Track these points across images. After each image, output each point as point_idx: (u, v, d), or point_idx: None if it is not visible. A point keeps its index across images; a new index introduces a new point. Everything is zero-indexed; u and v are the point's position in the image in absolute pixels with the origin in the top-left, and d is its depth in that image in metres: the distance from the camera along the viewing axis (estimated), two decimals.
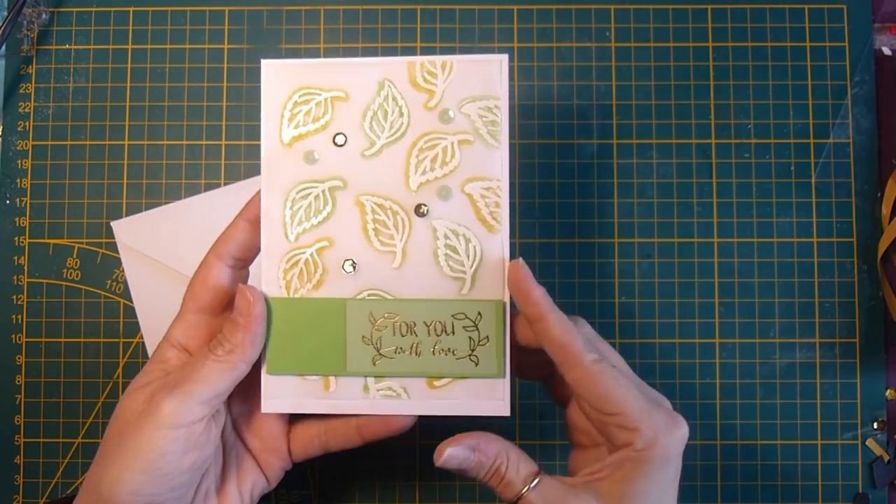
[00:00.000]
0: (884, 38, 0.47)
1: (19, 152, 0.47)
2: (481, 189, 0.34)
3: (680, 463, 0.31)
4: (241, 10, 0.47)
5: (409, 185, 0.34)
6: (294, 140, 0.35)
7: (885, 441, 0.45)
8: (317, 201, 0.35)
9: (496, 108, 0.34)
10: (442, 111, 0.34)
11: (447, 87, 0.34)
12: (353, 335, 0.34)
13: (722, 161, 0.46)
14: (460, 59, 0.34)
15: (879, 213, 0.46)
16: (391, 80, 0.35)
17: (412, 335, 0.34)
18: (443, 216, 0.34)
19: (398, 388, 0.35)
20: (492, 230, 0.34)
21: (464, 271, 0.34)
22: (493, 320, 0.34)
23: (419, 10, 0.47)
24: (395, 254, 0.34)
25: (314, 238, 0.34)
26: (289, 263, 0.34)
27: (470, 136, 0.34)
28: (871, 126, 0.46)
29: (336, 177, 0.35)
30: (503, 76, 0.34)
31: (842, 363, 0.45)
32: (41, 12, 0.47)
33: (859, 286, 0.46)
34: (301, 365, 0.34)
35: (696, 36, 0.47)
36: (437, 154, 0.35)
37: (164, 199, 0.46)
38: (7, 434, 0.45)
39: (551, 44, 0.47)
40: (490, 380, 0.34)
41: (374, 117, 0.35)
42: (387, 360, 0.34)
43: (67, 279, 0.46)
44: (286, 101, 0.35)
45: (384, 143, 0.35)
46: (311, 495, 0.45)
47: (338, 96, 0.35)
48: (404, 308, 0.34)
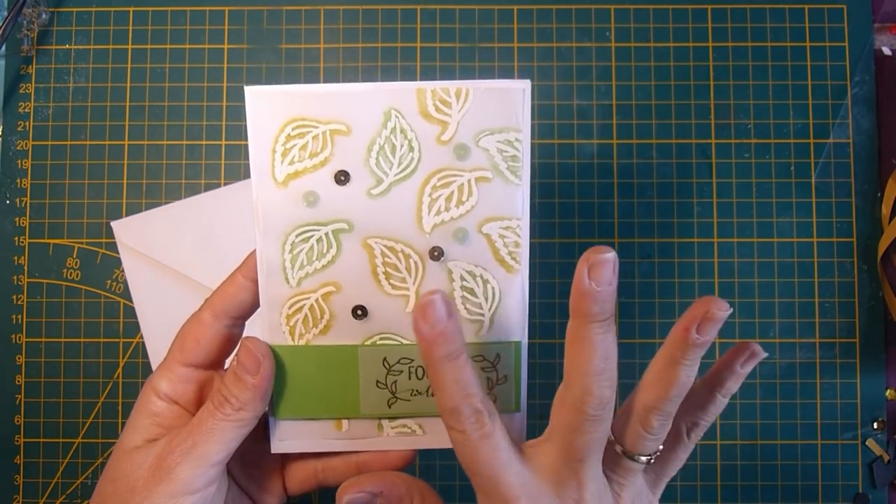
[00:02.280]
0: (884, 38, 0.47)
1: (19, 152, 0.47)
2: (500, 229, 0.32)
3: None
4: (241, 10, 0.47)
5: (423, 226, 0.32)
6: (289, 178, 0.31)
7: (885, 441, 0.45)
8: (319, 244, 0.32)
9: (517, 142, 0.31)
10: (457, 145, 0.31)
11: (462, 117, 0.31)
12: (367, 380, 0.32)
13: (722, 161, 0.46)
14: (477, 85, 0.31)
15: (879, 213, 0.46)
16: (398, 110, 0.31)
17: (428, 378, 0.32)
18: (459, 258, 0.32)
19: (413, 426, 0.33)
20: (511, 271, 0.32)
21: (482, 314, 0.32)
22: (511, 361, 0.32)
23: (419, 10, 0.47)
24: (409, 297, 0.32)
25: (318, 283, 0.32)
26: (292, 309, 0.32)
27: (489, 173, 0.31)
28: (871, 126, 0.46)
29: (340, 219, 0.32)
30: (525, 105, 0.31)
31: (842, 363, 0.45)
32: (41, 12, 0.47)
33: (859, 286, 0.46)
34: (312, 409, 0.33)
35: (696, 36, 0.47)
36: (452, 192, 0.32)
37: (164, 199, 0.46)
38: (7, 434, 0.45)
39: (551, 44, 0.47)
40: (506, 414, 0.33)
41: (381, 152, 0.31)
42: (402, 402, 0.32)
43: (67, 279, 0.46)
44: (277, 134, 0.31)
45: (393, 181, 0.32)
46: (311, 495, 0.45)
47: (337, 129, 0.31)
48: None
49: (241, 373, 0.31)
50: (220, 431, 0.30)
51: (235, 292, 0.32)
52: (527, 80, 0.31)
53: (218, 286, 0.33)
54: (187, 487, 0.29)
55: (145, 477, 0.30)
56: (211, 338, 0.32)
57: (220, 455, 0.30)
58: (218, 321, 0.32)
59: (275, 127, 0.31)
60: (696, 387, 0.33)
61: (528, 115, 0.31)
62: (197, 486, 0.30)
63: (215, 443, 0.30)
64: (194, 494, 0.30)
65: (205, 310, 0.32)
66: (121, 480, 0.30)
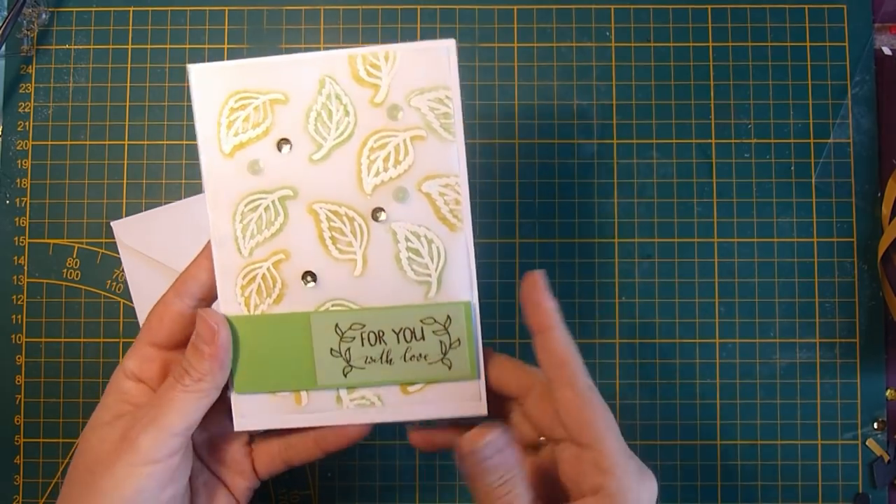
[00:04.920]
0: (884, 38, 0.47)
1: (19, 152, 0.47)
2: (439, 187, 0.33)
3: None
4: (241, 10, 0.47)
5: (364, 188, 0.33)
6: (235, 149, 0.32)
7: (886, 441, 0.45)
8: (267, 213, 0.33)
9: (447, 99, 0.32)
10: (390, 106, 0.32)
11: (392, 79, 0.32)
12: (321, 348, 0.33)
13: (722, 161, 0.46)
14: (404, 47, 0.32)
15: (880, 213, 0.46)
16: (332, 76, 0.32)
17: (382, 344, 0.33)
18: (402, 218, 0.33)
19: (372, 397, 0.33)
20: (454, 229, 0.33)
21: (429, 274, 0.33)
22: (462, 322, 0.33)
23: (419, 10, 0.47)
24: (356, 261, 0.33)
25: (269, 251, 0.33)
26: (245, 279, 0.33)
27: (422, 132, 0.32)
28: (871, 126, 0.46)
29: (285, 186, 0.33)
30: (451, 63, 0.32)
31: (842, 363, 0.45)
32: (41, 12, 0.47)
33: (859, 286, 0.46)
34: (270, 382, 0.33)
35: (696, 36, 0.47)
36: (389, 153, 0.33)
37: (164, 199, 0.46)
38: (7, 434, 0.45)
39: (551, 44, 0.47)
40: (465, 382, 0.33)
41: (319, 118, 0.32)
42: (358, 370, 0.33)
43: (67, 279, 0.46)
44: (221, 107, 0.33)
45: (332, 146, 0.33)
46: (311, 495, 0.45)
47: (276, 99, 0.32)
48: (371, 317, 0.33)
49: (198, 343, 0.32)
50: (181, 402, 0.31)
51: (196, 272, 0.33)
52: (451, 40, 0.32)
53: (183, 270, 0.34)
54: (148, 457, 0.30)
55: (109, 449, 0.31)
56: (174, 317, 0.33)
57: (181, 426, 0.31)
58: (181, 300, 0.33)
59: (218, 101, 0.33)
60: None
61: (454, 72, 0.32)
62: (158, 456, 0.30)
63: (176, 413, 0.31)
64: (156, 464, 0.30)
65: (169, 291, 0.33)
66: (88, 453, 0.31)
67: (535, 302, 0.32)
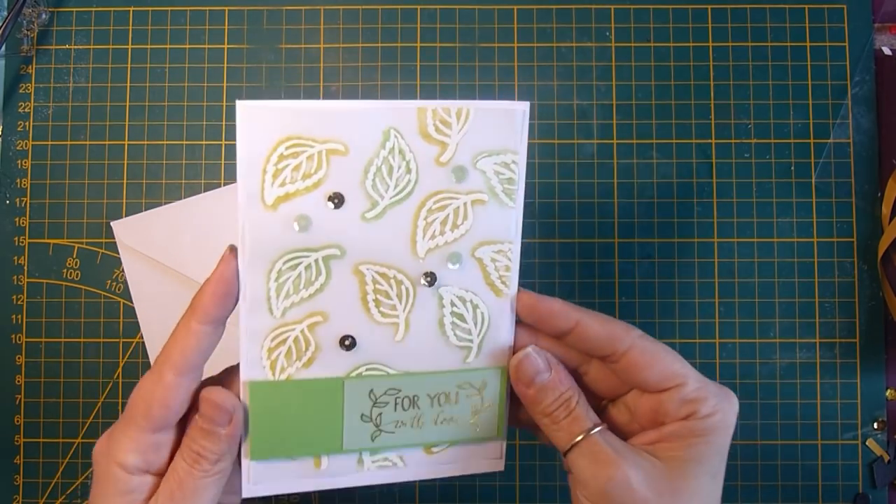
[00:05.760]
0: (884, 38, 0.47)
1: (19, 152, 0.47)
2: (492, 252, 0.31)
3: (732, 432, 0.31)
4: (241, 10, 0.47)
5: (416, 251, 0.31)
6: (279, 201, 0.29)
7: (886, 441, 0.45)
8: (308, 272, 0.30)
9: (514, 164, 0.31)
10: (456, 167, 0.30)
11: (462, 138, 0.30)
12: (352, 414, 0.31)
13: (722, 161, 0.46)
14: (478, 105, 0.30)
15: (880, 213, 0.46)
16: (398, 129, 0.30)
17: (415, 408, 0.32)
18: (451, 283, 0.31)
19: (394, 458, 0.32)
20: (500, 295, 0.32)
21: (471, 339, 0.32)
22: (497, 386, 0.32)
23: (419, 10, 0.47)
24: (398, 325, 0.31)
25: (304, 313, 0.30)
26: (274, 342, 0.30)
27: (484, 196, 0.31)
28: (871, 126, 0.46)
29: (332, 244, 0.30)
30: (524, 127, 0.31)
31: (842, 363, 0.45)
32: (41, 12, 0.47)
33: (859, 286, 0.46)
34: (290, 448, 0.31)
35: (696, 36, 0.47)
36: (447, 216, 0.31)
37: (164, 199, 0.46)
38: (7, 434, 0.45)
39: (551, 44, 0.47)
40: (489, 442, 0.33)
41: (378, 173, 0.30)
42: (387, 434, 0.32)
43: (67, 279, 0.46)
44: (269, 153, 0.29)
45: (388, 204, 0.30)
46: (311, 495, 0.45)
47: (334, 149, 0.29)
48: (408, 382, 0.31)
49: (212, 428, 0.29)
50: (203, 490, 0.29)
51: (196, 344, 0.29)
52: (527, 102, 0.30)
53: (171, 338, 0.30)
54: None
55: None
56: (180, 399, 0.29)
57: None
58: (183, 378, 0.29)
59: (267, 145, 0.29)
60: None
61: (525, 137, 0.31)
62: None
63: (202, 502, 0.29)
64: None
65: (165, 370, 0.29)
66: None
67: (544, 312, 0.31)
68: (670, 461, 0.30)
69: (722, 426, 0.30)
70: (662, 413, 0.30)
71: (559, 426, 0.30)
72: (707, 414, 0.30)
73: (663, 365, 0.30)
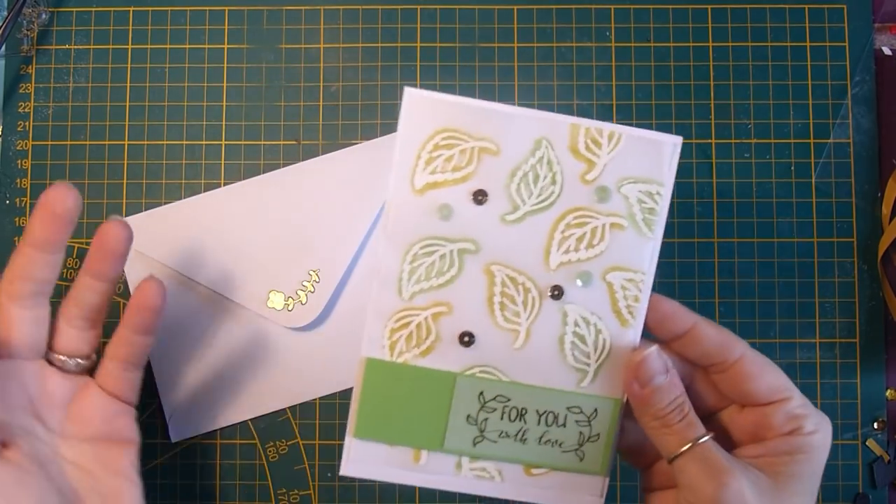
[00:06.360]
0: (884, 38, 0.47)
1: (19, 152, 0.47)
2: (623, 280, 0.32)
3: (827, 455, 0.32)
4: (241, 10, 0.47)
5: (549, 262, 0.31)
6: (427, 187, 0.31)
7: (886, 441, 0.45)
8: (442, 261, 0.31)
9: (658, 195, 0.31)
10: (600, 187, 0.31)
11: (610, 160, 0.31)
12: (458, 412, 0.32)
13: (722, 161, 0.46)
14: (630, 132, 0.31)
15: (880, 213, 0.46)
16: (550, 140, 0.31)
17: (521, 422, 0.32)
18: (577, 301, 0.31)
19: (493, 471, 0.32)
20: (625, 324, 0.32)
21: (588, 363, 0.32)
22: (608, 418, 0.32)
23: (419, 10, 0.47)
24: (519, 333, 0.32)
25: (431, 301, 0.31)
26: (398, 324, 0.31)
27: (624, 221, 0.31)
28: (871, 126, 0.46)
29: (469, 238, 0.31)
30: (673, 161, 0.31)
31: (842, 363, 0.45)
32: (41, 12, 0.47)
33: (859, 286, 0.46)
34: (393, 434, 0.32)
35: (696, 36, 0.47)
36: (584, 234, 0.31)
37: (164, 199, 0.46)
38: None
39: (551, 44, 0.47)
40: (591, 476, 0.33)
41: (524, 179, 0.31)
42: (489, 442, 0.32)
43: (67, 279, 0.46)
44: (426, 141, 0.31)
45: (529, 211, 0.31)
46: (311, 495, 0.45)
47: (487, 148, 0.31)
48: (519, 393, 0.32)
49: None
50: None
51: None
52: (679, 137, 0.31)
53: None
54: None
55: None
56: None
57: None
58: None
59: (425, 133, 0.31)
60: None
61: (673, 170, 0.31)
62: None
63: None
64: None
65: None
66: None
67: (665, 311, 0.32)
68: (776, 476, 0.30)
69: (822, 446, 0.31)
70: (765, 427, 0.31)
71: (671, 429, 0.30)
72: (811, 431, 0.30)
73: (772, 378, 0.31)
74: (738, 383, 0.31)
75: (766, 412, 0.31)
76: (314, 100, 0.46)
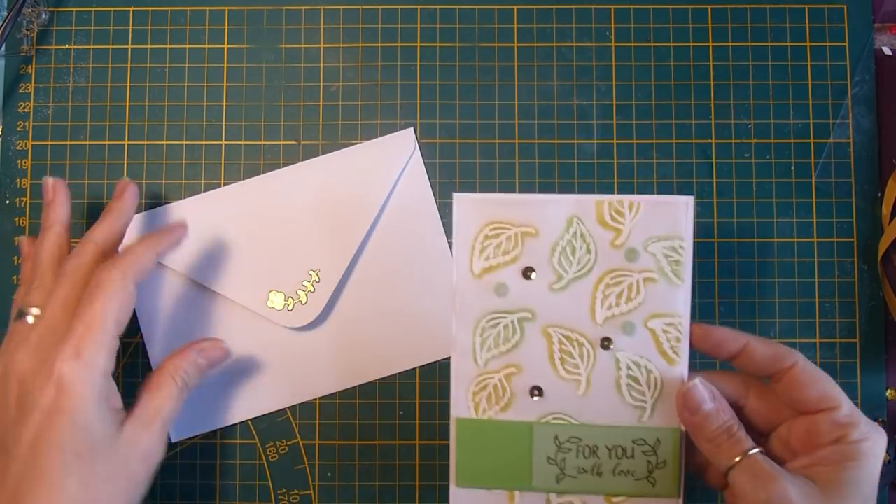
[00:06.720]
0: (884, 38, 0.47)
1: (19, 152, 0.47)
2: (663, 325, 0.36)
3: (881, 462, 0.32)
4: (241, 10, 0.47)
5: (595, 318, 0.36)
6: (484, 272, 0.36)
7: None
8: (506, 330, 0.36)
9: (680, 249, 0.36)
10: (628, 250, 0.36)
11: (634, 226, 0.36)
12: (539, 455, 0.36)
13: (722, 161, 0.46)
14: (647, 199, 0.36)
15: (880, 213, 0.46)
16: (580, 217, 0.36)
17: (594, 457, 0.36)
18: (626, 348, 0.36)
19: (578, 502, 0.37)
20: (672, 363, 0.36)
21: (645, 400, 0.36)
22: (670, 446, 0.36)
23: (419, 10, 0.47)
24: (580, 382, 0.36)
25: (502, 364, 0.36)
26: (478, 387, 0.36)
27: (655, 275, 0.36)
28: (871, 126, 0.46)
29: (525, 309, 0.36)
30: (689, 217, 0.36)
31: (842, 363, 0.45)
32: (41, 12, 0.47)
33: (859, 286, 0.46)
34: (488, 479, 0.37)
35: (696, 36, 0.47)
36: (622, 290, 0.36)
37: (164, 199, 0.46)
38: None
39: (551, 44, 0.47)
40: (666, 499, 0.36)
41: (563, 253, 0.36)
42: (570, 478, 0.36)
43: None
44: (477, 234, 0.36)
45: (572, 278, 0.36)
46: (311, 495, 0.45)
47: (528, 231, 0.36)
48: (588, 433, 0.36)
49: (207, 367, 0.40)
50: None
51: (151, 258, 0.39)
52: (690, 196, 0.36)
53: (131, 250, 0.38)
54: None
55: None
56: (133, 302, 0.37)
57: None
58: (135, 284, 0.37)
59: (475, 227, 0.36)
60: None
61: (690, 225, 0.36)
62: None
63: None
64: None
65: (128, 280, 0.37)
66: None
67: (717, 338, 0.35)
68: (825, 483, 0.32)
69: (871, 453, 0.32)
70: (815, 434, 0.33)
71: (720, 449, 0.33)
72: (858, 439, 0.32)
73: (822, 385, 0.33)
74: (790, 391, 0.34)
75: (815, 420, 0.33)
76: (314, 100, 0.46)
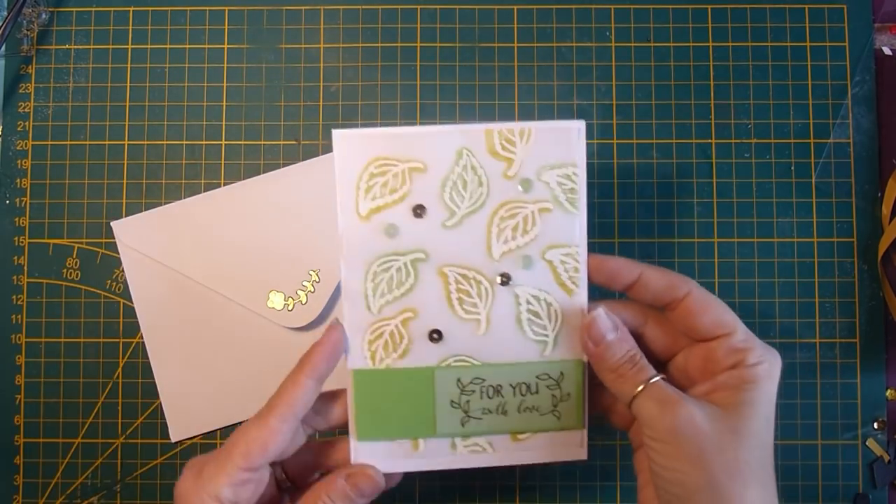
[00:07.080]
0: (884, 38, 0.47)
1: (19, 152, 0.47)
2: (561, 255, 0.35)
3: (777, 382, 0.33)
4: (241, 10, 0.47)
5: (492, 254, 0.35)
6: (371, 212, 0.35)
7: (886, 441, 0.45)
8: (399, 273, 0.35)
9: (574, 176, 0.35)
10: (522, 180, 0.35)
11: (526, 155, 0.35)
12: (442, 400, 0.35)
13: (722, 161, 0.46)
14: (538, 125, 0.35)
15: (880, 213, 0.46)
16: (469, 149, 0.35)
17: (499, 397, 0.35)
18: (524, 283, 0.35)
19: (484, 444, 0.36)
20: (571, 294, 0.35)
21: (546, 334, 0.35)
22: (573, 378, 0.35)
23: (419, 10, 0.47)
24: (480, 321, 0.35)
25: (398, 310, 0.35)
26: (373, 335, 0.35)
27: (549, 205, 0.35)
28: (871, 126, 0.46)
29: (418, 249, 0.35)
30: (580, 142, 0.35)
31: (842, 363, 0.45)
32: (41, 12, 0.47)
33: (859, 286, 0.46)
34: (390, 430, 0.35)
35: (696, 36, 0.47)
36: (518, 223, 0.35)
37: (164, 199, 0.46)
38: (7, 434, 0.45)
39: (551, 44, 0.47)
40: (571, 431, 0.36)
41: (454, 187, 0.35)
42: (475, 420, 0.35)
43: (67, 279, 0.46)
44: (361, 172, 0.34)
45: (465, 214, 0.35)
46: None
47: (415, 167, 0.35)
48: (491, 372, 0.35)
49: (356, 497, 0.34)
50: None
51: (301, 395, 0.33)
52: (582, 121, 0.35)
53: (281, 388, 0.34)
54: None
55: None
56: (279, 443, 0.33)
57: None
58: (284, 425, 0.33)
59: (359, 166, 0.34)
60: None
61: (583, 150, 0.35)
62: None
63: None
64: None
65: (271, 416, 0.33)
66: None
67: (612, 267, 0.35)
68: (726, 406, 0.32)
69: (768, 375, 0.32)
70: (713, 361, 0.33)
71: (625, 378, 0.33)
72: (754, 363, 0.32)
73: (717, 313, 0.33)
74: (686, 319, 0.33)
75: (711, 347, 0.33)
76: (314, 100, 0.46)
